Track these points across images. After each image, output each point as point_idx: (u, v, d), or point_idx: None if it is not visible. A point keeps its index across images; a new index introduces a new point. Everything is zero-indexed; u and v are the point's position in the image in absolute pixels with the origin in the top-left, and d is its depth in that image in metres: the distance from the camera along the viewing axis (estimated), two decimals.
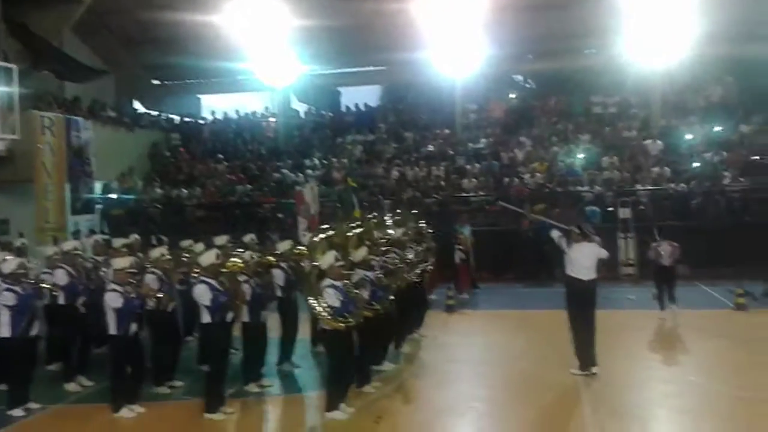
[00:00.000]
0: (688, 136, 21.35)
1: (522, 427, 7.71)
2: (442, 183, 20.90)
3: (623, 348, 10.93)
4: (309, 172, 22.56)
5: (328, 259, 8.32)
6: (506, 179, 20.45)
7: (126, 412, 8.18)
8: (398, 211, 12.90)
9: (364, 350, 8.83)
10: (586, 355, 9.38)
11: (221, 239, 11.28)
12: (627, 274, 17.54)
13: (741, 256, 16.13)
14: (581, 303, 9.44)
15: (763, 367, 9.62)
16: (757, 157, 19.66)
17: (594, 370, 9.30)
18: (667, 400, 8.52)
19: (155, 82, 27.72)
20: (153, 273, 9.40)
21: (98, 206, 20.50)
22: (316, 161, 23.32)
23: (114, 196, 21.57)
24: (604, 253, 9.59)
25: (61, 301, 9.48)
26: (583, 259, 9.39)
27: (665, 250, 13.03)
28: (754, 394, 8.33)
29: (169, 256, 9.95)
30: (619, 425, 7.58)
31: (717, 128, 21.41)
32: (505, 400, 8.71)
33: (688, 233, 16.69)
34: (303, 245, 10.77)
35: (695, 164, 19.99)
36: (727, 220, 17.84)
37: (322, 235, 9.44)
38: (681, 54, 20.13)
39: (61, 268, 9.63)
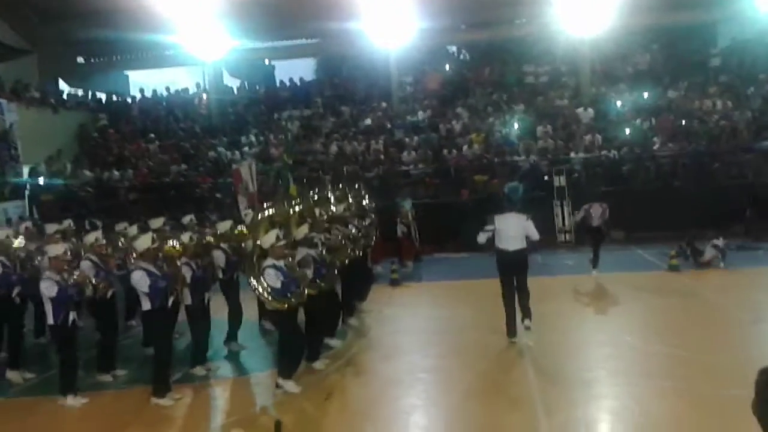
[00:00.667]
0: (618, 104, 21.88)
1: (469, 395, 7.82)
2: (382, 157, 20.88)
3: (563, 313, 11.20)
4: (245, 149, 22.22)
5: (269, 239, 8.23)
6: (445, 151, 20.57)
7: (71, 400, 7.99)
8: (340, 186, 12.83)
9: (312, 326, 8.82)
10: (514, 325, 9.55)
11: (157, 222, 11.06)
12: (564, 241, 17.96)
13: (671, 218, 16.72)
14: (510, 273, 9.53)
15: (697, 327, 10.03)
16: (684, 122, 20.29)
17: (527, 323, 9.46)
18: (607, 362, 8.78)
19: (80, 59, 26.67)
20: (88, 259, 9.12)
21: (26, 191, 19.74)
22: (253, 138, 22.95)
23: (42, 180, 20.77)
24: (533, 233, 9.54)
25: None
26: (507, 229, 9.43)
27: (595, 211, 13.66)
28: (689, 353, 8.65)
29: (104, 241, 9.67)
30: (563, 389, 7.76)
31: (645, 95, 22.01)
32: (452, 369, 8.81)
33: (620, 198, 17.27)
34: (244, 224, 10.62)
35: (626, 131, 20.50)
36: (657, 184, 18.43)
37: (264, 214, 9.31)
38: (608, 23, 20.55)
39: None
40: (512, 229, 9.45)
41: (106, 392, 8.59)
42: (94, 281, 8.59)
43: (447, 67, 26.97)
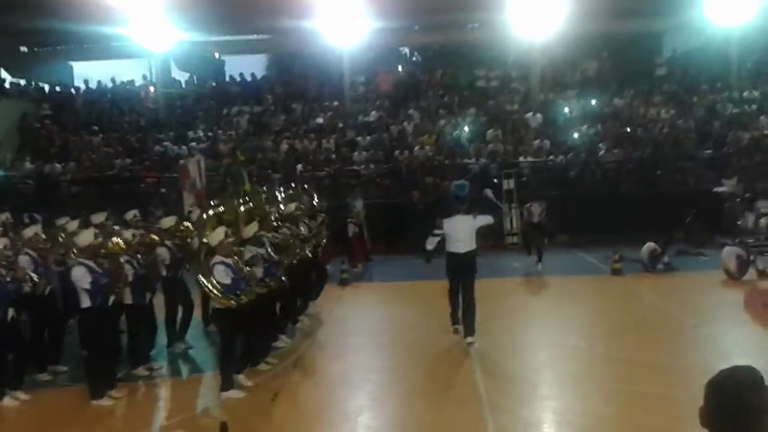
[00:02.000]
0: (566, 110, 22.25)
1: (417, 394, 7.82)
2: (333, 156, 20.76)
3: (510, 314, 11.35)
4: (193, 144, 21.78)
5: (217, 236, 8.08)
6: (396, 152, 20.58)
7: (8, 401, 7.71)
8: (291, 185, 12.69)
9: (259, 327, 8.68)
10: (462, 324, 9.52)
11: (99, 217, 10.72)
12: (511, 243, 18.17)
13: (615, 223, 17.08)
14: (458, 276, 9.58)
15: (640, 329, 10.21)
16: (630, 129, 20.77)
17: (469, 340, 9.35)
18: (554, 363, 8.90)
19: (23, 48, 25.72)
20: (27, 254, 8.78)
21: None
22: (201, 133, 22.53)
23: None
24: (483, 221, 9.74)
25: None
26: (456, 233, 9.53)
27: (535, 209, 14.94)
28: (633, 354, 8.82)
29: (43, 236, 9.33)
30: (509, 389, 7.85)
31: (593, 102, 22.45)
32: (400, 369, 8.80)
33: (565, 202, 17.60)
34: (189, 221, 10.41)
35: (573, 136, 20.86)
36: (602, 189, 18.80)
37: (211, 211, 9.14)
38: (558, 30, 20.88)
39: None
40: (461, 233, 9.53)
41: (48, 390, 8.31)
42: (32, 277, 8.29)
43: (399, 68, 27.01)
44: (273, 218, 10.10)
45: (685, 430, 6.31)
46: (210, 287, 7.82)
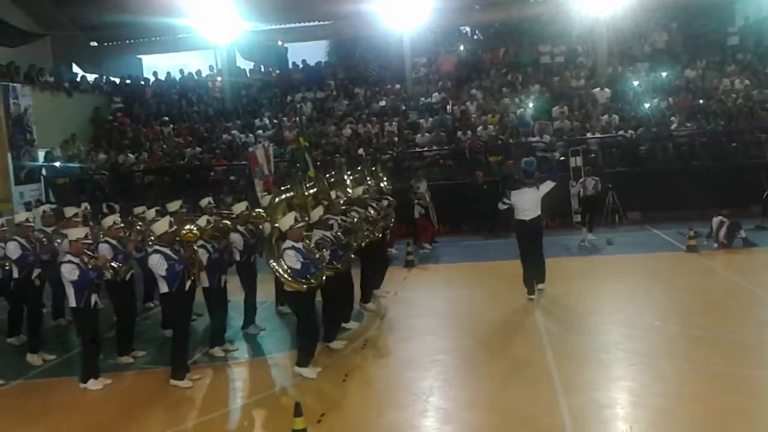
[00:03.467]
0: (635, 83, 21.58)
1: (487, 376, 7.80)
2: (396, 139, 20.77)
3: (581, 293, 11.17)
4: (259, 132, 22.18)
5: (287, 221, 8.22)
6: (459, 132, 20.44)
7: (93, 384, 8.06)
8: (358, 168, 12.78)
9: (329, 308, 8.84)
10: (532, 283, 10.81)
11: (174, 205, 11.08)
12: (579, 221, 17.80)
13: (689, 199, 16.57)
14: (527, 240, 10.81)
15: (715, 307, 9.95)
16: (702, 102, 20.02)
17: (540, 286, 10.92)
18: (627, 343, 8.71)
19: (93, 43, 26.66)
20: (107, 242, 9.16)
21: (42, 175, 19.87)
22: (266, 121, 22.90)
23: (58, 164, 20.85)
24: (546, 188, 10.76)
25: (15, 274, 9.24)
26: (521, 203, 10.77)
27: (589, 183, 15.55)
28: (709, 333, 8.59)
29: (121, 225, 9.70)
30: (581, 369, 7.74)
31: (663, 74, 21.71)
32: (469, 351, 8.80)
33: (637, 179, 17.15)
34: (260, 207, 10.63)
35: (644, 108, 20.22)
36: (674, 164, 18.22)
37: (281, 197, 9.31)
38: (625, 1, 20.24)
39: (13, 240, 9.36)
40: (527, 203, 10.74)
41: (126, 374, 8.67)
42: (113, 264, 8.64)
43: (461, 47, 26.72)
44: (341, 202, 10.21)
45: (764, 410, 6.15)
46: (281, 272, 7.99)
